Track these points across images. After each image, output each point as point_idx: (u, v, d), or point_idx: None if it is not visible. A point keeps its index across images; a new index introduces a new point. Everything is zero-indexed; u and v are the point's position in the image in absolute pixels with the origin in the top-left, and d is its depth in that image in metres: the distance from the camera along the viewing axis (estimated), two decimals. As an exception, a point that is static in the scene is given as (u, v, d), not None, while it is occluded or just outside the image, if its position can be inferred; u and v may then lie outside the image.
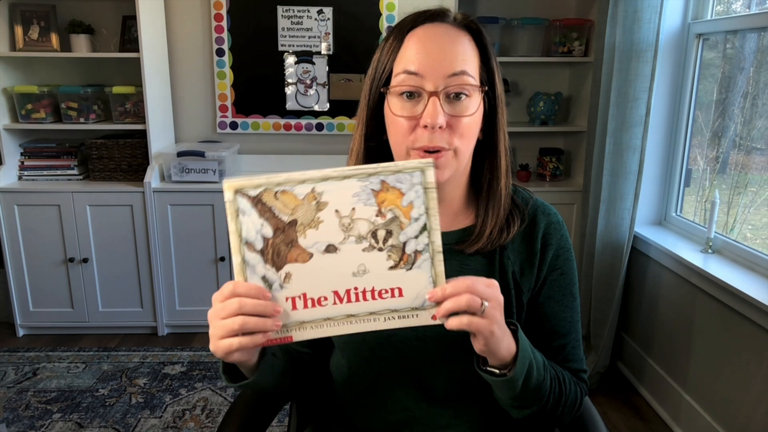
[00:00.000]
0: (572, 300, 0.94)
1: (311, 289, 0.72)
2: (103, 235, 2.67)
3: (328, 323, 0.72)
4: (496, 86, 0.87)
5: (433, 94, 0.80)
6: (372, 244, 0.72)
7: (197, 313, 2.79)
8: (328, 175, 0.71)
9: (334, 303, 0.72)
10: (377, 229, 0.72)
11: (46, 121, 2.68)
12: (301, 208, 0.71)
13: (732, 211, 2.21)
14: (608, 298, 2.40)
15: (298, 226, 0.71)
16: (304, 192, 0.71)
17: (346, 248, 0.72)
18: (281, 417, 2.14)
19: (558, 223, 0.95)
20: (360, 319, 0.72)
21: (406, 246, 0.72)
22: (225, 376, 0.83)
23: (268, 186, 0.71)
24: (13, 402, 2.26)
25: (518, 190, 0.98)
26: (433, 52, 0.81)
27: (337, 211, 0.71)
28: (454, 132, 0.82)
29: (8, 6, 2.62)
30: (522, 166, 2.91)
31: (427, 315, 0.73)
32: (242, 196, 0.71)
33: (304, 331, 0.73)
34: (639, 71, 2.15)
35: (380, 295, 0.72)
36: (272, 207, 0.71)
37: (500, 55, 2.78)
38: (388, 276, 0.72)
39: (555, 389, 0.86)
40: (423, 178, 0.72)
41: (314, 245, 0.72)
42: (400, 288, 0.72)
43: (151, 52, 2.65)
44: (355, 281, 0.72)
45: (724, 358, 1.87)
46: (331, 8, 2.84)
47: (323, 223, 0.71)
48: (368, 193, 0.71)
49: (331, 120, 2.98)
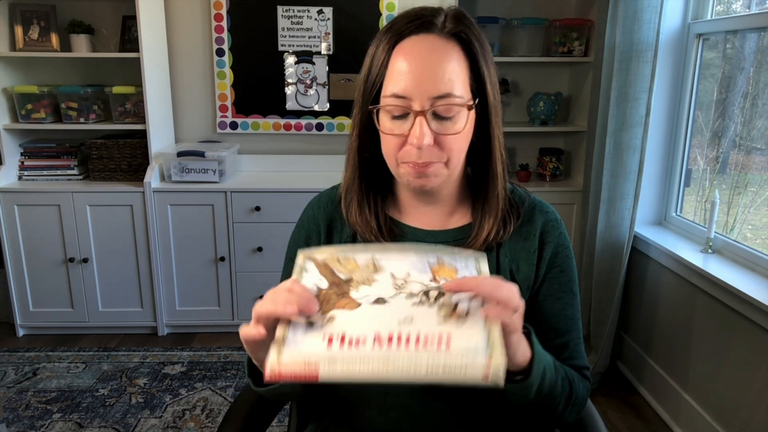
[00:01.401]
0: (573, 297, 0.94)
1: (351, 329, 0.67)
2: (103, 235, 2.67)
3: (361, 366, 0.63)
4: (488, 95, 0.85)
5: (420, 114, 0.80)
6: (422, 301, 0.70)
7: (197, 313, 2.79)
8: (388, 248, 0.78)
9: (373, 346, 0.65)
10: (430, 289, 0.71)
11: (46, 121, 2.68)
12: (359, 271, 0.75)
13: (732, 211, 2.21)
14: (608, 298, 2.40)
15: (352, 282, 0.73)
16: (364, 259, 0.77)
17: (395, 301, 0.70)
18: (281, 417, 2.14)
19: (556, 221, 0.95)
20: (398, 367, 0.63)
21: (458, 306, 0.69)
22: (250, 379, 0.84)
23: (334, 253, 0.78)
24: (13, 402, 2.26)
25: (515, 189, 0.98)
26: (420, 73, 0.80)
27: (392, 274, 0.74)
28: (442, 148, 0.83)
29: (8, 6, 2.62)
30: (522, 166, 2.91)
31: (478, 373, 0.63)
32: (310, 260, 0.77)
33: (333, 365, 0.63)
34: (639, 71, 2.15)
35: (425, 344, 0.64)
36: (333, 268, 0.76)
37: (500, 55, 2.78)
38: (437, 325, 0.67)
39: (566, 390, 0.86)
40: (477, 264, 0.77)
41: (365, 297, 0.71)
42: (449, 338, 0.65)
43: (151, 52, 2.65)
44: (401, 327, 0.66)
45: (724, 358, 1.87)
46: (331, 8, 2.84)
47: (377, 282, 0.73)
48: (424, 264, 0.75)
49: (331, 120, 2.98)
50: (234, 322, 2.81)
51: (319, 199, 1.01)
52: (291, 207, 2.65)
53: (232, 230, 2.68)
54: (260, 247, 2.69)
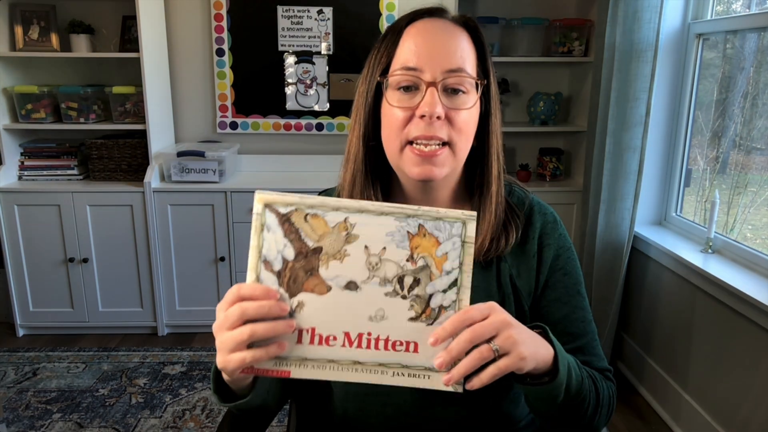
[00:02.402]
0: (581, 299, 0.91)
1: (322, 324, 0.67)
2: (103, 235, 2.67)
3: (331, 365, 0.67)
4: (491, 87, 0.86)
5: (431, 85, 0.79)
6: (396, 290, 0.67)
7: (197, 313, 2.79)
8: (364, 207, 0.67)
9: (343, 345, 0.67)
10: (405, 275, 0.68)
11: (46, 121, 2.68)
12: (330, 237, 0.67)
13: (732, 211, 2.21)
14: (608, 298, 2.40)
15: (322, 255, 0.67)
16: (336, 220, 0.67)
17: (367, 289, 0.67)
18: (281, 417, 2.14)
19: (555, 222, 0.93)
20: (366, 369, 0.67)
21: (432, 299, 0.68)
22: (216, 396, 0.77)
23: (300, 206, 0.67)
24: (13, 402, 2.26)
25: (514, 189, 0.95)
26: (432, 46, 0.80)
27: (366, 247, 0.67)
28: (452, 125, 0.81)
29: (8, 6, 2.62)
30: (522, 166, 2.91)
31: (440, 378, 0.67)
32: (272, 211, 0.67)
33: (303, 368, 0.67)
34: (639, 71, 2.15)
35: (394, 346, 0.67)
36: (299, 229, 0.67)
37: (500, 55, 2.78)
38: (406, 327, 0.67)
39: (592, 389, 0.82)
40: (463, 230, 0.68)
41: (335, 278, 0.67)
42: (416, 343, 0.67)
43: (151, 52, 2.65)
44: (371, 326, 0.67)
45: (724, 358, 1.87)
46: (331, 8, 2.84)
47: (349, 257, 0.67)
48: (403, 234, 0.68)
49: (331, 120, 2.98)
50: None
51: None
52: (291, 207, 2.64)
53: (232, 230, 2.68)
54: (260, 247, 2.69)
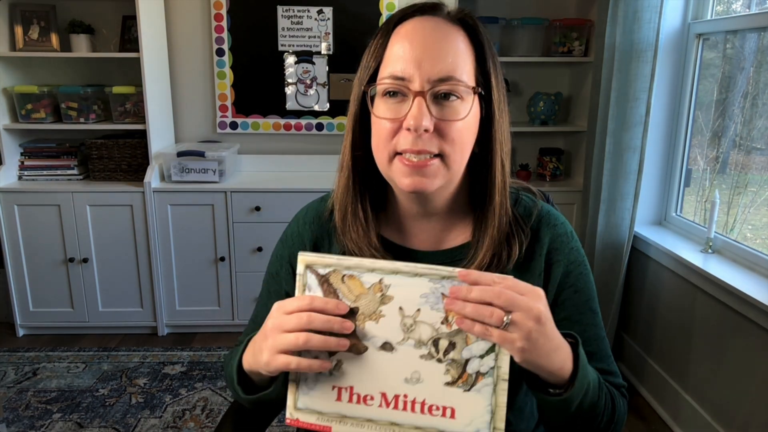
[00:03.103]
0: (593, 316, 0.86)
1: (359, 384, 0.69)
2: (103, 235, 2.67)
3: (369, 425, 0.69)
4: (492, 90, 0.77)
5: (419, 94, 0.72)
6: (431, 353, 0.67)
7: (197, 313, 2.79)
8: (398, 268, 0.68)
9: (380, 405, 0.69)
10: (440, 338, 0.67)
11: (46, 121, 2.68)
12: (365, 297, 0.69)
13: (732, 211, 2.21)
14: (608, 298, 2.40)
15: (358, 315, 0.69)
16: (371, 281, 0.68)
17: (403, 350, 0.68)
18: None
19: (565, 235, 0.86)
20: (404, 430, 0.68)
21: (468, 364, 0.67)
22: (239, 387, 0.79)
23: (338, 267, 0.69)
24: (13, 402, 2.26)
25: (521, 198, 0.88)
26: (421, 51, 0.72)
27: (401, 308, 0.68)
28: (443, 137, 0.73)
29: (8, 6, 2.62)
30: (522, 166, 2.91)
31: None
32: (312, 272, 0.70)
33: (344, 426, 0.70)
34: (639, 71, 2.15)
35: (430, 410, 0.68)
36: (338, 290, 0.69)
37: (500, 55, 2.77)
38: (442, 392, 0.67)
39: (608, 409, 0.79)
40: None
41: (371, 339, 0.69)
42: (453, 409, 0.67)
43: (151, 52, 2.65)
44: (407, 388, 0.68)
45: (724, 358, 1.87)
46: (331, 8, 2.84)
47: (384, 318, 0.68)
48: (437, 296, 0.67)
49: (331, 120, 2.98)
50: (234, 322, 2.81)
51: (305, 214, 0.93)
52: (291, 207, 2.63)
53: (232, 230, 2.68)
54: (260, 247, 2.69)
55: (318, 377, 0.70)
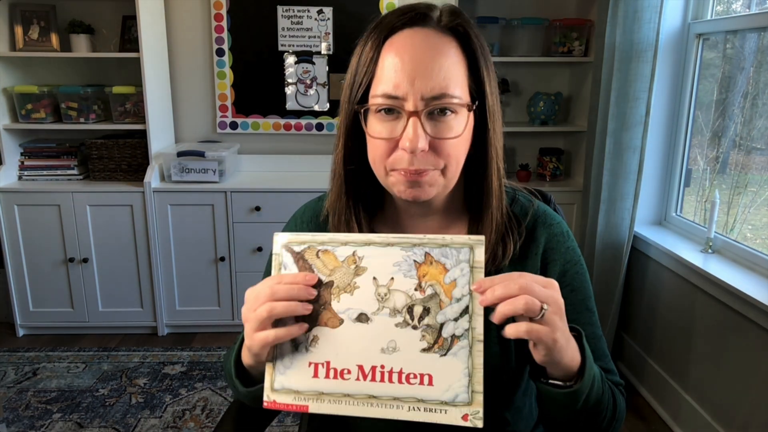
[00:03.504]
0: (590, 315, 0.86)
1: (336, 358, 0.69)
2: (103, 235, 2.67)
3: (347, 400, 0.68)
4: (486, 98, 0.77)
5: (413, 114, 0.72)
6: (406, 320, 0.68)
7: (197, 313, 2.79)
8: (371, 240, 0.69)
9: (357, 378, 0.68)
10: (414, 304, 0.68)
11: (46, 121, 2.68)
12: (340, 270, 0.70)
13: (732, 211, 2.21)
14: (608, 298, 2.40)
15: (333, 288, 0.70)
16: (345, 254, 0.70)
17: (378, 320, 0.68)
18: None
19: (561, 234, 0.86)
20: (382, 403, 0.68)
21: (443, 328, 0.67)
22: (237, 380, 0.79)
23: (312, 244, 0.71)
24: (13, 402, 2.26)
25: (518, 198, 0.89)
26: (413, 68, 0.72)
27: (374, 278, 0.69)
28: (438, 154, 0.74)
29: (8, 6, 2.62)
30: (522, 166, 2.91)
31: (458, 413, 0.66)
32: (288, 250, 0.72)
33: (321, 403, 0.69)
34: (639, 71, 2.15)
35: (408, 379, 0.67)
36: (312, 265, 0.71)
37: (500, 55, 2.78)
38: (419, 359, 0.67)
39: (610, 405, 0.80)
40: (471, 255, 0.67)
41: (346, 311, 0.69)
42: (430, 375, 0.67)
43: (151, 52, 2.65)
44: (383, 358, 0.68)
45: (724, 358, 1.87)
46: (331, 8, 2.84)
47: (359, 289, 0.69)
48: (410, 264, 0.68)
49: (331, 120, 2.98)
50: (234, 322, 2.81)
51: (303, 213, 0.95)
52: (291, 207, 2.61)
53: (232, 230, 2.68)
54: (260, 247, 2.69)
55: (294, 355, 0.70)
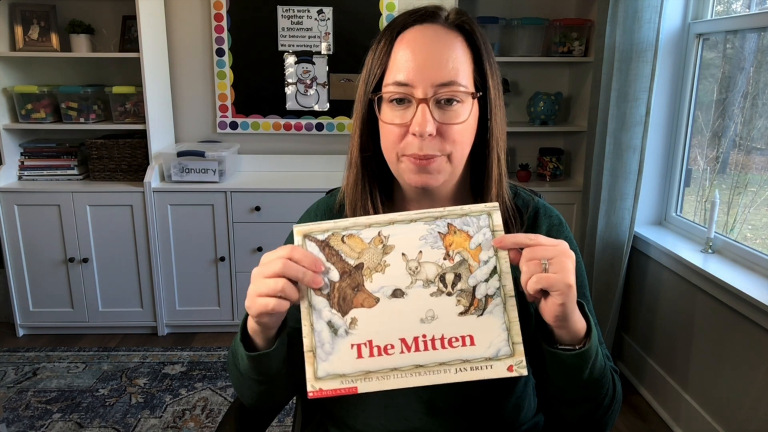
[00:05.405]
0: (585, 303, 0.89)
1: (377, 336, 0.70)
2: (103, 235, 2.67)
3: (395, 374, 0.69)
4: (489, 91, 0.84)
5: (423, 101, 0.79)
6: (440, 289, 0.70)
7: (197, 313, 2.79)
8: (394, 218, 0.72)
9: (402, 351, 0.70)
10: (445, 272, 0.71)
11: (46, 121, 2.68)
12: (368, 252, 0.71)
13: (732, 211, 2.21)
14: (608, 298, 2.40)
15: (364, 270, 0.71)
16: (370, 236, 0.72)
17: (413, 293, 0.70)
18: (281, 417, 2.14)
19: (560, 225, 0.93)
20: (429, 371, 0.69)
21: (476, 290, 0.71)
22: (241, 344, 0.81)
23: (336, 230, 0.72)
24: (13, 402, 2.26)
25: (519, 193, 0.95)
26: (423, 59, 0.79)
27: (403, 254, 0.71)
28: (445, 139, 0.80)
29: (8, 6, 2.62)
30: (522, 166, 2.91)
31: (503, 366, 0.69)
32: (311, 240, 0.72)
33: (369, 382, 0.70)
34: (639, 71, 2.15)
35: (450, 343, 0.70)
36: (339, 251, 0.72)
37: (500, 55, 2.78)
38: (458, 322, 0.70)
39: (611, 384, 0.83)
40: (490, 220, 0.72)
41: (381, 290, 0.71)
42: (471, 336, 0.70)
43: (151, 52, 2.65)
44: (424, 328, 0.70)
45: (724, 358, 1.87)
46: (331, 8, 2.84)
47: (390, 267, 0.71)
48: (435, 236, 0.71)
49: (331, 120, 2.98)
50: (234, 322, 2.81)
51: (316, 207, 0.99)
52: (291, 207, 2.65)
53: (232, 230, 2.68)
54: (260, 247, 2.69)
55: (334, 340, 0.71)
